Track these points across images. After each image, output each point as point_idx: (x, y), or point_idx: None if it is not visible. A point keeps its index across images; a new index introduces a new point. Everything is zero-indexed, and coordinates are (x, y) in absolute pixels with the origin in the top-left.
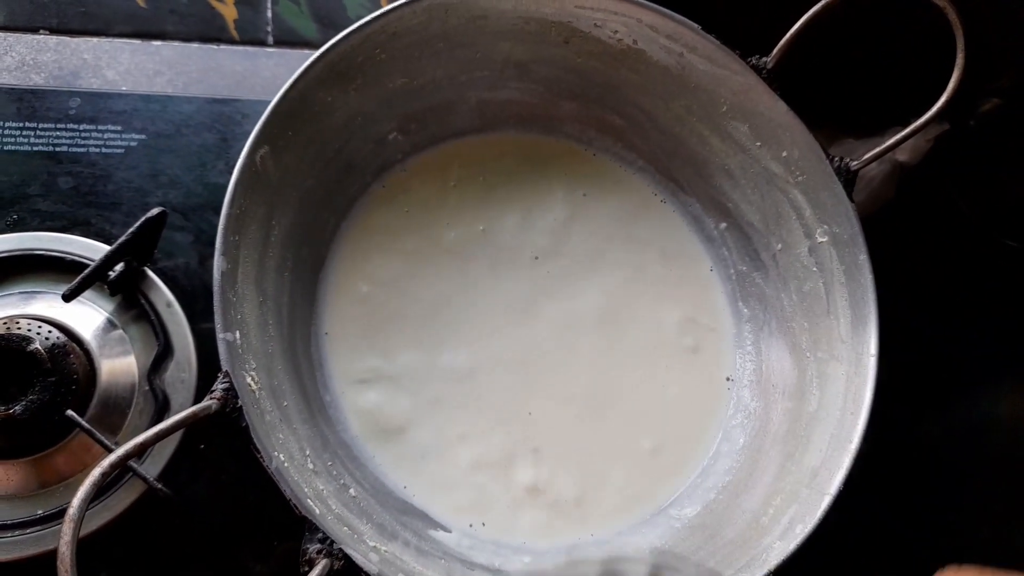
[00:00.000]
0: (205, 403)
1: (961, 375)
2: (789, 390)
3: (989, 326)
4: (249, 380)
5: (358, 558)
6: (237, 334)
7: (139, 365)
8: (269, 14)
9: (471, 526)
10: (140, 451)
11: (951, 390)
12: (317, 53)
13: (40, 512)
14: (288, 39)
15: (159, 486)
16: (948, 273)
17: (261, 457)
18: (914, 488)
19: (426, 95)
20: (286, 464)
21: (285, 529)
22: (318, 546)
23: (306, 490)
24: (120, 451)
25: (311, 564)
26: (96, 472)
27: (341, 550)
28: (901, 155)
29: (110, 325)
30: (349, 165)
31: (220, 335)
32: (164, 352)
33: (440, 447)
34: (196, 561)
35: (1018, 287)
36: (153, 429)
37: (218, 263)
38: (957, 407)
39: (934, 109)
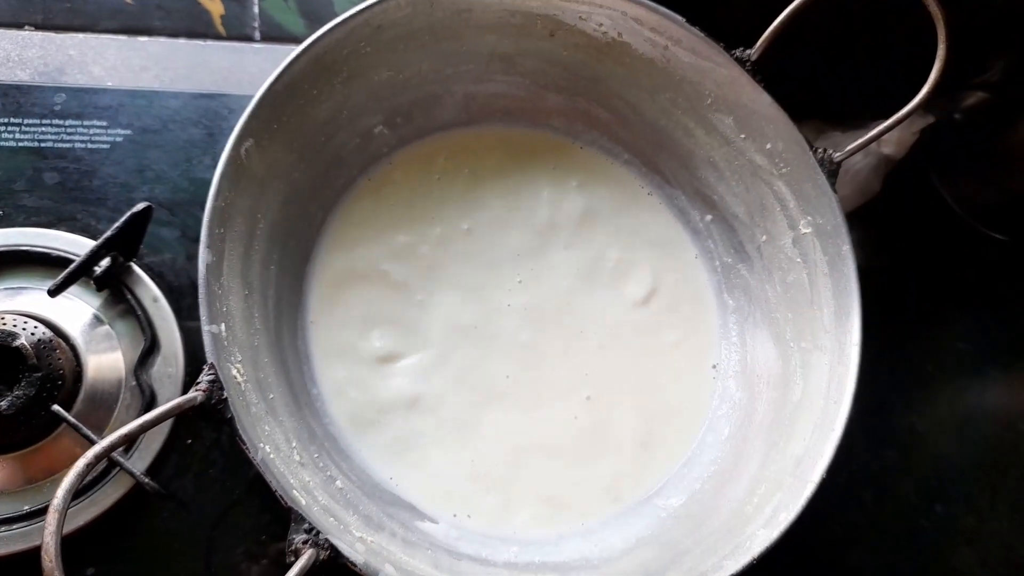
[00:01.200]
0: (190, 395)
1: (946, 367)
2: (773, 380)
3: (974, 318)
4: (235, 372)
5: (344, 548)
6: (222, 326)
7: (126, 360)
8: (256, 10)
9: (455, 516)
10: (125, 442)
11: (936, 382)
12: (302, 46)
13: (26, 508)
14: (275, 35)
15: (146, 480)
16: (933, 265)
17: (246, 448)
18: (900, 479)
19: (412, 88)
20: (272, 456)
21: (274, 525)
22: (304, 536)
23: (292, 481)
24: (104, 442)
25: (297, 555)
26: (80, 463)
27: (327, 540)
28: (887, 148)
29: (97, 321)
30: (335, 158)
31: (205, 327)
32: (150, 347)
33: (425, 438)
34: (185, 557)
35: (1003, 279)
36: (138, 420)
37: (203, 256)
38: (942, 398)
39: (916, 100)
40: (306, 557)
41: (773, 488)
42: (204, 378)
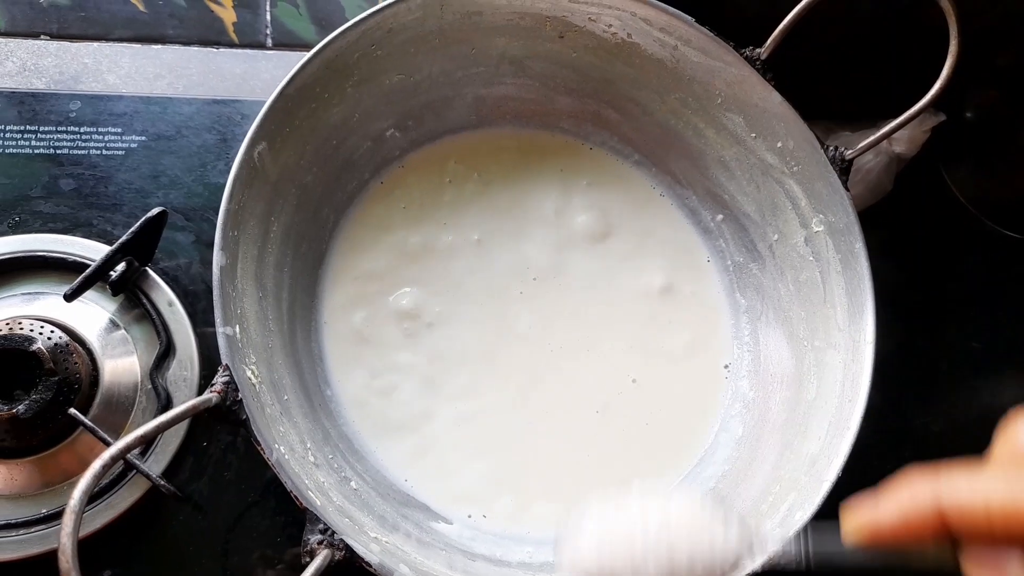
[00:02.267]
0: (205, 396)
1: (961, 366)
2: (787, 379)
3: (988, 316)
4: (249, 374)
5: (359, 549)
6: (237, 328)
7: (142, 364)
8: (268, 17)
9: (470, 517)
10: (140, 443)
11: (951, 381)
12: (314, 49)
13: (44, 511)
14: (287, 41)
15: (162, 483)
16: (946, 263)
17: (261, 449)
18: None
19: (423, 91)
20: (287, 456)
21: (290, 527)
22: (319, 537)
23: (307, 482)
24: (120, 443)
25: (312, 555)
26: (96, 464)
27: (342, 541)
28: (898, 147)
29: (113, 325)
30: (347, 162)
31: (220, 329)
32: (166, 351)
33: (439, 440)
34: (201, 559)
35: (1017, 276)
36: (153, 422)
37: (217, 258)
38: (957, 398)
39: (928, 97)
40: (321, 557)
41: (788, 487)
42: (219, 379)
